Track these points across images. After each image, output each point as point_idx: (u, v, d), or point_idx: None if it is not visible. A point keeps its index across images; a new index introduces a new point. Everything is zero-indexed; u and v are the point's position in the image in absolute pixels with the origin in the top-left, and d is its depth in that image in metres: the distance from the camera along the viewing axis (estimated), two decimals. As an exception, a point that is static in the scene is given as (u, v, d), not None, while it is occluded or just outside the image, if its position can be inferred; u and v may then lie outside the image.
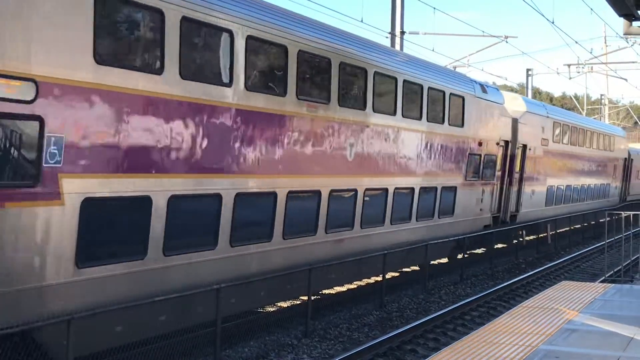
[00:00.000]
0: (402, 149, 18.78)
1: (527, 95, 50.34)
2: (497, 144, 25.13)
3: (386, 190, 18.15)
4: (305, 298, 14.88)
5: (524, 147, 28.20)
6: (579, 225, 36.10)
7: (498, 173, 25.63)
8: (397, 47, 27.46)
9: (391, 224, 18.47)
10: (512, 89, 57.42)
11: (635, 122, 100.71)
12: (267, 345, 13.70)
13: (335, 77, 15.69)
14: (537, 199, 30.56)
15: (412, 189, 19.51)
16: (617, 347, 9.24)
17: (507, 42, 36.63)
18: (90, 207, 10.08)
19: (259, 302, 14.35)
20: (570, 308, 11.80)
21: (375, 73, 17.23)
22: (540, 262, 26.71)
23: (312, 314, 14.85)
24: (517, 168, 27.61)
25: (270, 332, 14.38)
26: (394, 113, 18.27)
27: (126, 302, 10.59)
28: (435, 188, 20.88)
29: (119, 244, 10.82)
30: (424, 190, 20.06)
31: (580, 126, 36.23)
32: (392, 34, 27.78)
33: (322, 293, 17.64)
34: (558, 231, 32.11)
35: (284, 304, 16.16)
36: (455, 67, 39.76)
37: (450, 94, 21.28)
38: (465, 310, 17.34)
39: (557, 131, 32.82)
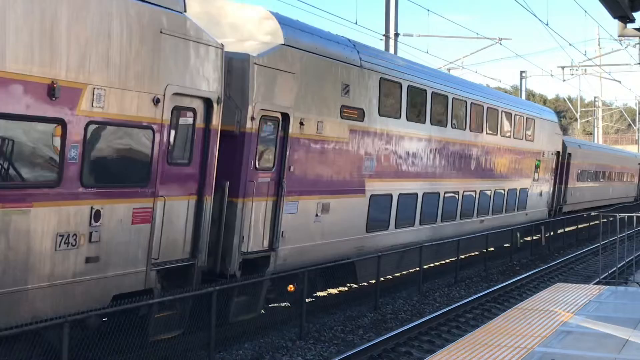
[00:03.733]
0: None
1: (521, 98, 50.41)
2: None
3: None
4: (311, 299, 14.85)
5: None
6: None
7: None
8: (392, 49, 27.46)
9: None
10: (506, 91, 57.42)
11: (629, 125, 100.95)
12: (261, 347, 13.67)
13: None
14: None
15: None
16: (612, 349, 9.22)
17: (501, 44, 36.75)
18: None
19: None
20: (565, 310, 11.79)
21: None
22: (535, 264, 26.71)
23: (306, 316, 14.82)
24: None
25: (265, 335, 14.35)
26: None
27: None
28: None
29: None
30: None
31: (457, 95, 22.40)
32: (387, 35, 27.77)
33: (316, 295, 17.66)
34: (552, 233, 32.17)
35: (278, 306, 16.14)
36: (449, 70, 39.82)
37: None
38: (460, 313, 17.32)
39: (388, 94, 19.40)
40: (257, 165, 13.63)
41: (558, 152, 33.50)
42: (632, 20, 13.75)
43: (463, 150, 22.91)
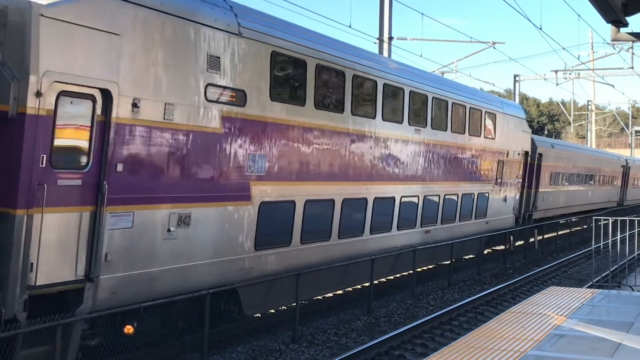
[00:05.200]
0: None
1: (514, 101, 50.52)
2: None
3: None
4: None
5: None
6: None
7: None
8: (385, 52, 27.49)
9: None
10: (499, 95, 57.59)
11: (622, 129, 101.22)
12: (254, 350, 13.65)
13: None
14: None
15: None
16: (605, 353, 9.24)
17: (494, 48, 36.80)
18: None
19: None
20: (558, 313, 11.80)
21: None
22: (528, 268, 26.74)
23: (299, 319, 14.81)
24: None
25: (258, 338, 14.34)
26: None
27: None
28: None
29: None
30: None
31: (390, 81, 18.82)
32: (381, 39, 27.80)
33: (310, 298, 17.63)
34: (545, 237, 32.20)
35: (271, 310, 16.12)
36: (443, 73, 39.88)
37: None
38: (453, 316, 17.33)
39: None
40: (53, 162, 9.91)
41: (526, 152, 29.57)
42: (625, 25, 13.80)
43: (400, 147, 19.28)
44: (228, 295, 13.23)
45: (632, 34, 14.35)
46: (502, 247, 27.69)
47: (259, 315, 15.22)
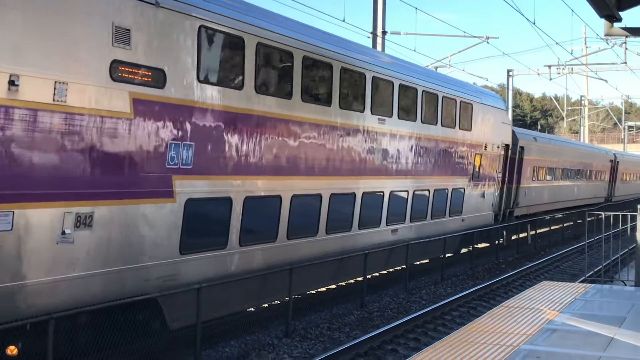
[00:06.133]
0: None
1: (507, 96, 50.61)
2: None
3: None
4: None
5: None
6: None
7: None
8: (379, 47, 27.48)
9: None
10: (492, 89, 57.72)
11: (615, 124, 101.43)
12: (247, 345, 13.64)
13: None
14: None
15: None
16: (597, 347, 9.25)
17: (488, 42, 36.80)
18: None
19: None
20: (550, 308, 11.82)
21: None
22: (520, 262, 26.79)
23: (292, 314, 14.80)
24: None
25: (251, 332, 14.33)
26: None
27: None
28: None
29: None
30: None
31: (350, 66, 17.05)
32: (374, 33, 27.79)
33: (303, 292, 17.61)
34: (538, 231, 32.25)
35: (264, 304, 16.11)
36: (436, 68, 39.88)
37: None
38: (446, 310, 17.35)
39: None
40: None
41: (507, 146, 27.83)
42: (619, 20, 13.82)
43: (363, 139, 17.52)
44: (144, 307, 11.35)
45: (625, 28, 14.37)
46: (485, 244, 26.93)
47: (252, 309, 15.21)
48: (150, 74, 11.20)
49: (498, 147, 26.78)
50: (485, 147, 25.50)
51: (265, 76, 14.14)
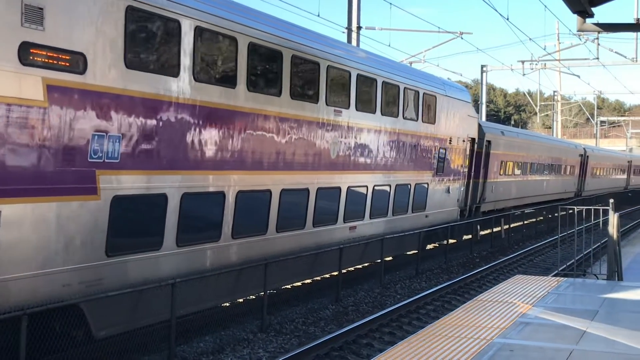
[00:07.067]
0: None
1: (481, 91, 50.88)
2: None
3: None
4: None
5: None
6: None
7: None
8: (354, 42, 27.49)
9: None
10: (466, 85, 58.06)
11: (588, 119, 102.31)
12: (222, 340, 13.62)
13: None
14: None
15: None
16: (570, 340, 9.34)
17: (462, 38, 37.05)
18: None
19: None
20: (524, 302, 11.91)
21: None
22: (494, 256, 26.96)
23: (267, 309, 14.79)
24: None
25: (226, 327, 14.31)
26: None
27: None
28: None
29: None
30: None
31: (301, 53, 16.01)
32: (349, 29, 27.79)
33: (278, 287, 17.60)
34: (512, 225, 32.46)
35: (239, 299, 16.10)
36: (411, 63, 39.98)
37: None
38: (421, 304, 17.43)
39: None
40: None
41: (473, 140, 27.22)
42: (591, 15, 13.94)
43: (317, 131, 16.60)
44: (65, 314, 10.28)
45: (597, 24, 14.50)
46: (453, 240, 26.35)
47: (227, 304, 15.18)
48: (68, 57, 10.14)
49: (464, 141, 26.23)
50: (450, 140, 24.90)
51: (205, 62, 13.04)
